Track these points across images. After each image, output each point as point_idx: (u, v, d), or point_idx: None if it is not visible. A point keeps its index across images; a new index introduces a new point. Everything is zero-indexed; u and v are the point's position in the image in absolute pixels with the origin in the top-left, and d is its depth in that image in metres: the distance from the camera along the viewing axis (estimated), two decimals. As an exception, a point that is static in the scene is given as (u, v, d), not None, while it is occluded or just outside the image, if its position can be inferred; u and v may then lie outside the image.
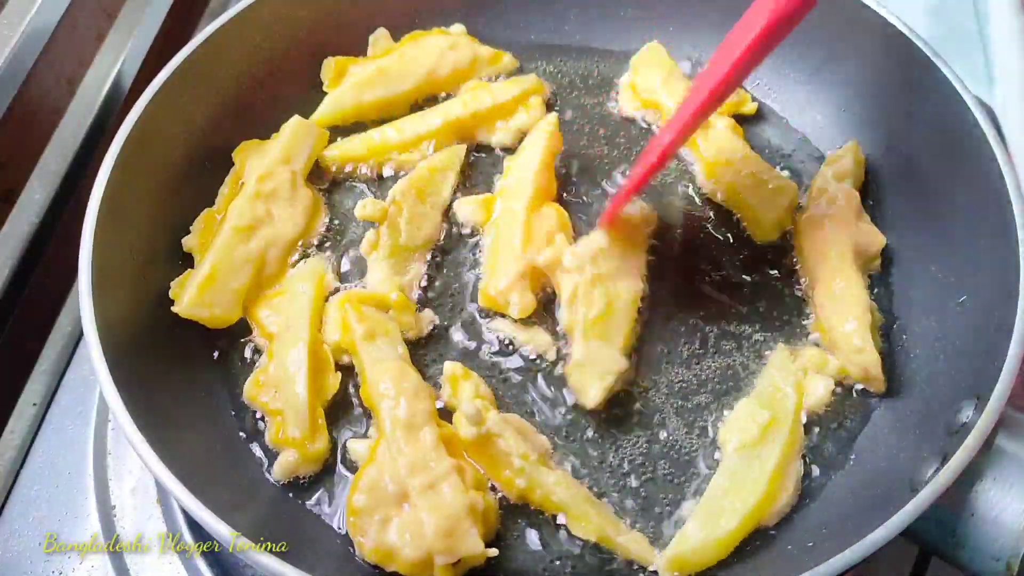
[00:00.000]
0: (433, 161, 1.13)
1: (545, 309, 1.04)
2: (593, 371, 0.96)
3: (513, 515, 0.92)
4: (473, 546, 0.83)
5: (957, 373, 0.93)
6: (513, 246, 1.04)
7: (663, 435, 0.97)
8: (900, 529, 0.77)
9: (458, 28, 1.25)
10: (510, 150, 1.18)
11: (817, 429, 0.97)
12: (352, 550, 0.88)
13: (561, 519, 0.91)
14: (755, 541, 0.89)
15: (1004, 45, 1.38)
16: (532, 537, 0.91)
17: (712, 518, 0.88)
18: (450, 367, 0.97)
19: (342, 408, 0.99)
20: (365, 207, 1.07)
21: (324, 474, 0.95)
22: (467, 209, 1.11)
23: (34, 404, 1.11)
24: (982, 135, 0.96)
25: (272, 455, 0.95)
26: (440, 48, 1.21)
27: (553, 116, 1.17)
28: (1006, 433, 0.86)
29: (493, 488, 0.92)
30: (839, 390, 0.99)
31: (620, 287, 1.00)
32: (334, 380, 0.98)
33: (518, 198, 1.08)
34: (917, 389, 0.97)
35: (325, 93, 1.20)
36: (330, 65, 1.20)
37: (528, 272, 1.03)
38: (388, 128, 1.16)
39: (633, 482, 0.94)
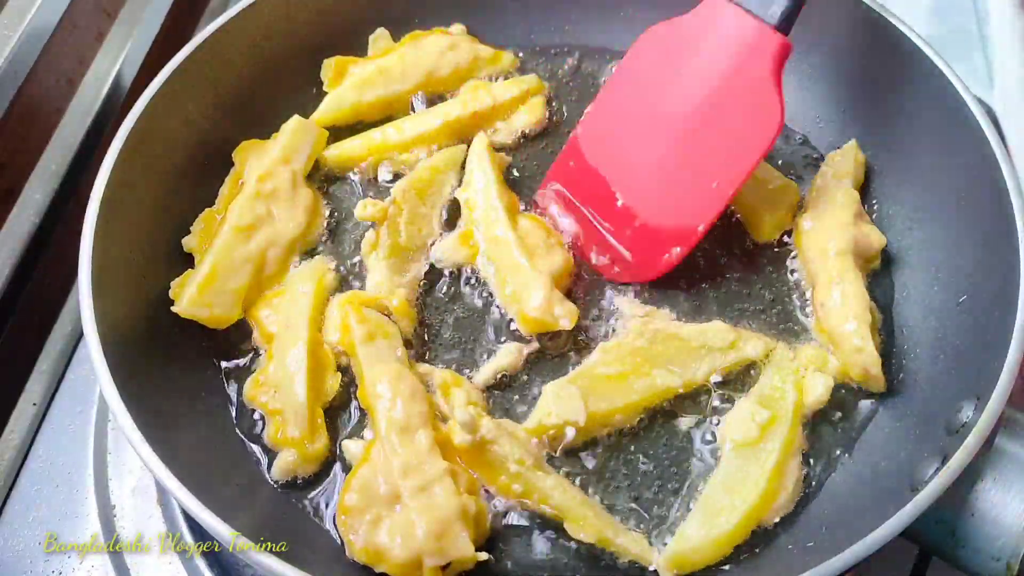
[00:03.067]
0: (434, 161, 1.13)
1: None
2: (553, 403, 0.94)
3: (507, 519, 0.92)
4: (463, 549, 0.83)
5: (957, 373, 0.93)
6: (522, 267, 1.01)
7: (662, 434, 0.97)
8: (900, 529, 0.77)
9: (458, 28, 1.25)
10: (509, 149, 1.18)
11: (817, 428, 0.97)
12: (351, 550, 0.88)
13: (556, 523, 0.91)
14: (755, 541, 0.89)
15: (1004, 45, 1.38)
16: (526, 541, 0.91)
17: (711, 517, 0.88)
18: (441, 375, 0.97)
19: (342, 409, 0.99)
20: (365, 207, 1.07)
21: (323, 474, 0.95)
22: (447, 249, 1.07)
23: (34, 404, 1.11)
24: (982, 135, 0.96)
25: (272, 455, 0.95)
26: (440, 48, 1.20)
27: (481, 137, 1.14)
28: (1006, 433, 0.86)
29: (488, 494, 0.92)
30: (839, 390, 0.99)
31: (656, 374, 0.97)
32: (334, 381, 0.98)
33: (495, 225, 1.05)
34: (917, 389, 0.97)
35: (325, 93, 1.20)
36: (330, 65, 1.20)
37: (552, 282, 1.01)
38: (388, 128, 1.16)
39: (631, 482, 0.94)
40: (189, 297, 0.99)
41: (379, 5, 1.23)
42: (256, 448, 0.96)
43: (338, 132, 1.18)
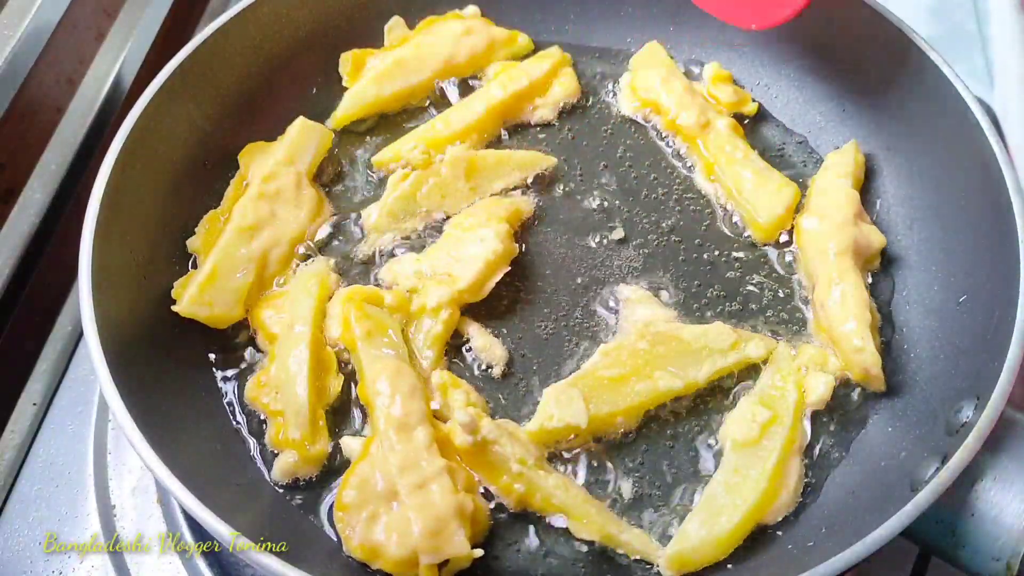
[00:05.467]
0: (511, 156, 1.13)
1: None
2: (554, 406, 0.94)
3: (508, 519, 0.92)
4: (459, 547, 0.83)
5: (957, 373, 0.93)
6: None
7: (663, 434, 0.97)
8: (900, 529, 0.77)
9: (471, 10, 1.25)
10: (550, 126, 1.20)
11: (817, 428, 0.97)
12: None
13: (558, 522, 0.91)
14: (755, 540, 0.89)
15: (1004, 45, 1.38)
16: (525, 541, 0.91)
17: (712, 516, 0.88)
18: (439, 375, 0.97)
19: (343, 411, 0.98)
20: (415, 148, 1.10)
21: (324, 475, 0.94)
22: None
23: (34, 404, 1.11)
24: (982, 135, 0.96)
25: (272, 456, 0.95)
26: (456, 34, 1.20)
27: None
28: (1006, 433, 0.86)
29: (489, 494, 0.92)
30: (839, 389, 0.99)
31: (657, 376, 0.97)
32: (335, 382, 0.98)
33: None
34: (917, 389, 0.97)
35: (329, 91, 1.20)
36: (348, 59, 1.20)
37: None
38: (436, 122, 1.16)
39: (633, 482, 0.94)
40: (190, 296, 0.99)
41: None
42: (257, 449, 0.96)
43: (352, 126, 1.19)
